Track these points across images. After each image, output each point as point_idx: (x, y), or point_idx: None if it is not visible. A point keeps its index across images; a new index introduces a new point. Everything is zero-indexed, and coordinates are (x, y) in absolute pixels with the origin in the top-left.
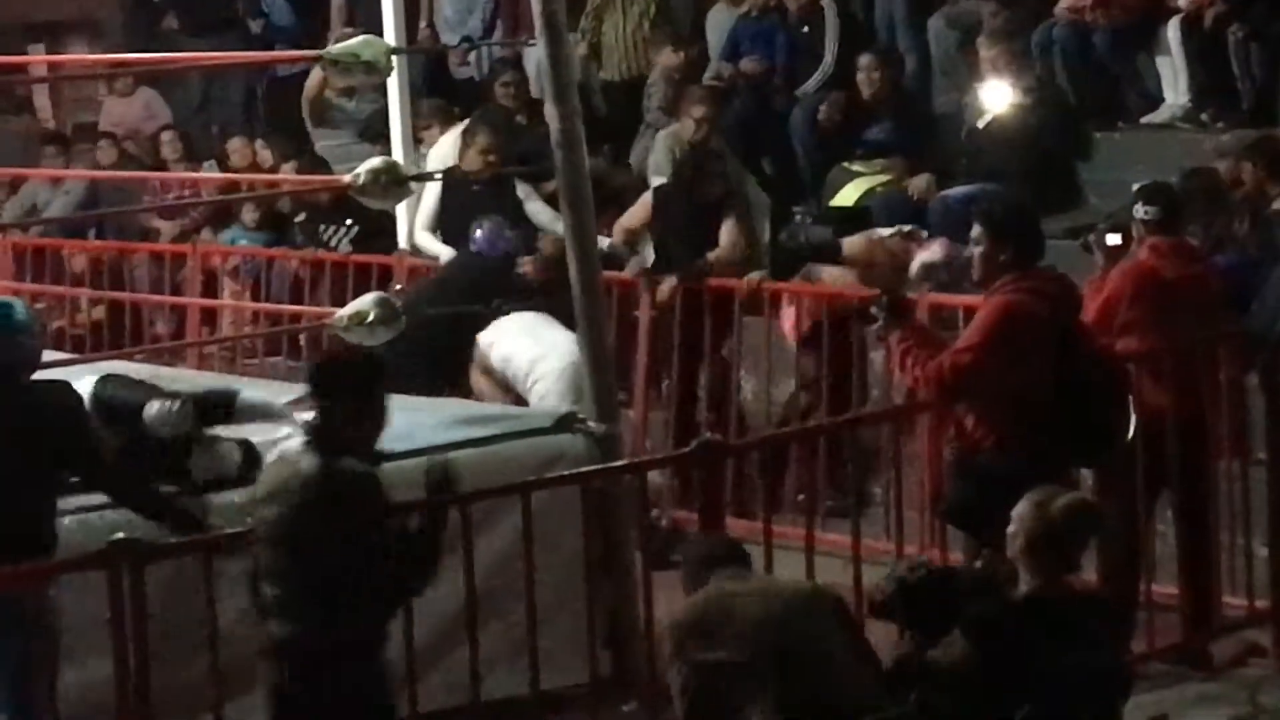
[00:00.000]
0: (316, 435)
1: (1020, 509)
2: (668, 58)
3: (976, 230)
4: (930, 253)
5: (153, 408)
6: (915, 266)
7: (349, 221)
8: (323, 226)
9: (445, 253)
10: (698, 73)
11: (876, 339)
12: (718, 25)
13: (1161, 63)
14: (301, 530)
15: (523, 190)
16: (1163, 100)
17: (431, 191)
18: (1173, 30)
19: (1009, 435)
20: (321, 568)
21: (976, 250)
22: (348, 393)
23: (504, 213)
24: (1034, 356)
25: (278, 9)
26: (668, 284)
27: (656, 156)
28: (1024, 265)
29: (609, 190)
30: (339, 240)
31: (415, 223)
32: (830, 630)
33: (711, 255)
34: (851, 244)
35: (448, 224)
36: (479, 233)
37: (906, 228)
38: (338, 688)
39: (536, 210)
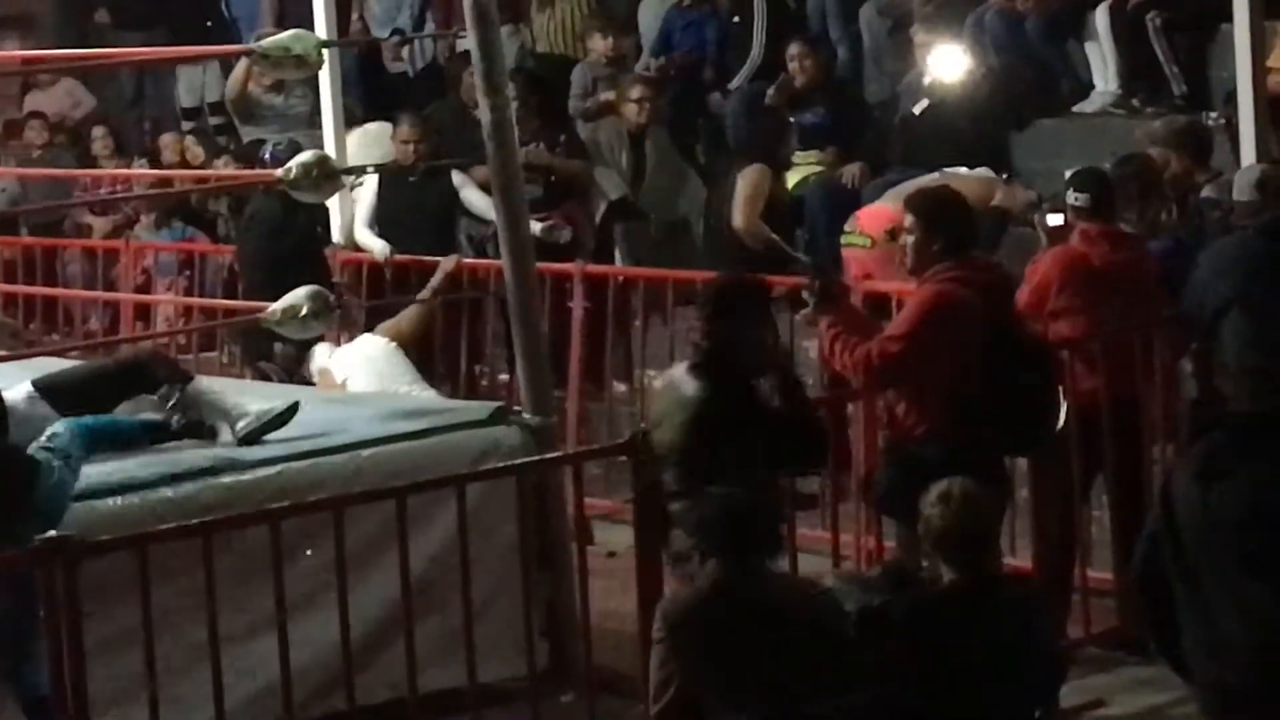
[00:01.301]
0: (703, 357)
1: (924, 505)
2: (596, 43)
3: (908, 219)
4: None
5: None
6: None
7: None
8: None
9: (377, 245)
10: (631, 63)
11: (807, 324)
12: (650, 15)
13: (1091, 49)
14: (688, 450)
15: (458, 179)
16: (1093, 87)
17: (370, 188)
18: (1101, 17)
19: (939, 423)
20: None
21: (908, 239)
22: (738, 316)
23: (439, 203)
24: (963, 345)
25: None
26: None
27: (604, 150)
28: (956, 254)
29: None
30: None
31: (355, 219)
32: (825, 653)
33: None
34: None
35: (384, 218)
36: (267, 155)
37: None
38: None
39: (472, 198)
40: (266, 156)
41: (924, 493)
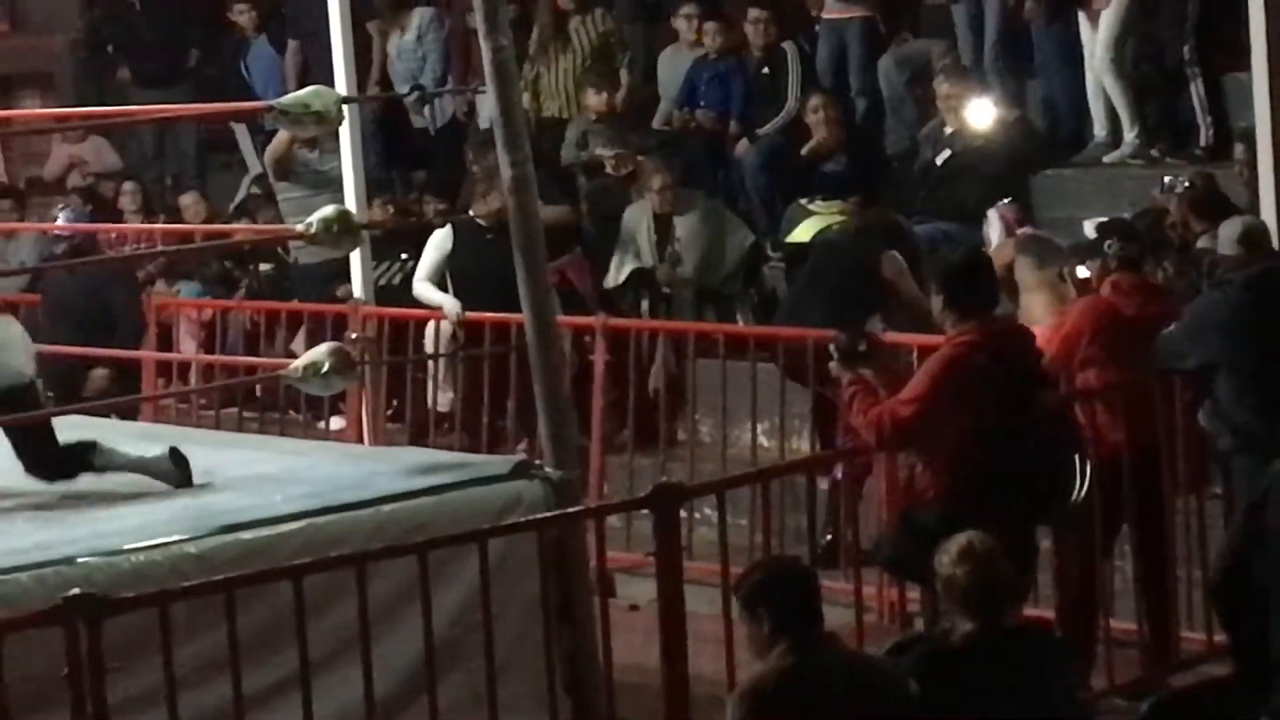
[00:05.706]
0: None
1: (940, 559)
2: (589, 99)
3: (933, 284)
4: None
5: None
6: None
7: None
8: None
9: (447, 301)
10: (642, 115)
11: (833, 378)
12: (670, 67)
13: (1096, 99)
14: None
15: None
16: (1114, 136)
17: (437, 243)
18: (1107, 70)
19: (949, 487)
20: None
21: (935, 300)
22: None
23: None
24: (974, 410)
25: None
26: None
27: (636, 240)
28: (973, 315)
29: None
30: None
31: (416, 272)
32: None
33: None
34: None
35: (458, 272)
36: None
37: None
38: None
39: None
40: (60, 219)
41: (929, 556)
